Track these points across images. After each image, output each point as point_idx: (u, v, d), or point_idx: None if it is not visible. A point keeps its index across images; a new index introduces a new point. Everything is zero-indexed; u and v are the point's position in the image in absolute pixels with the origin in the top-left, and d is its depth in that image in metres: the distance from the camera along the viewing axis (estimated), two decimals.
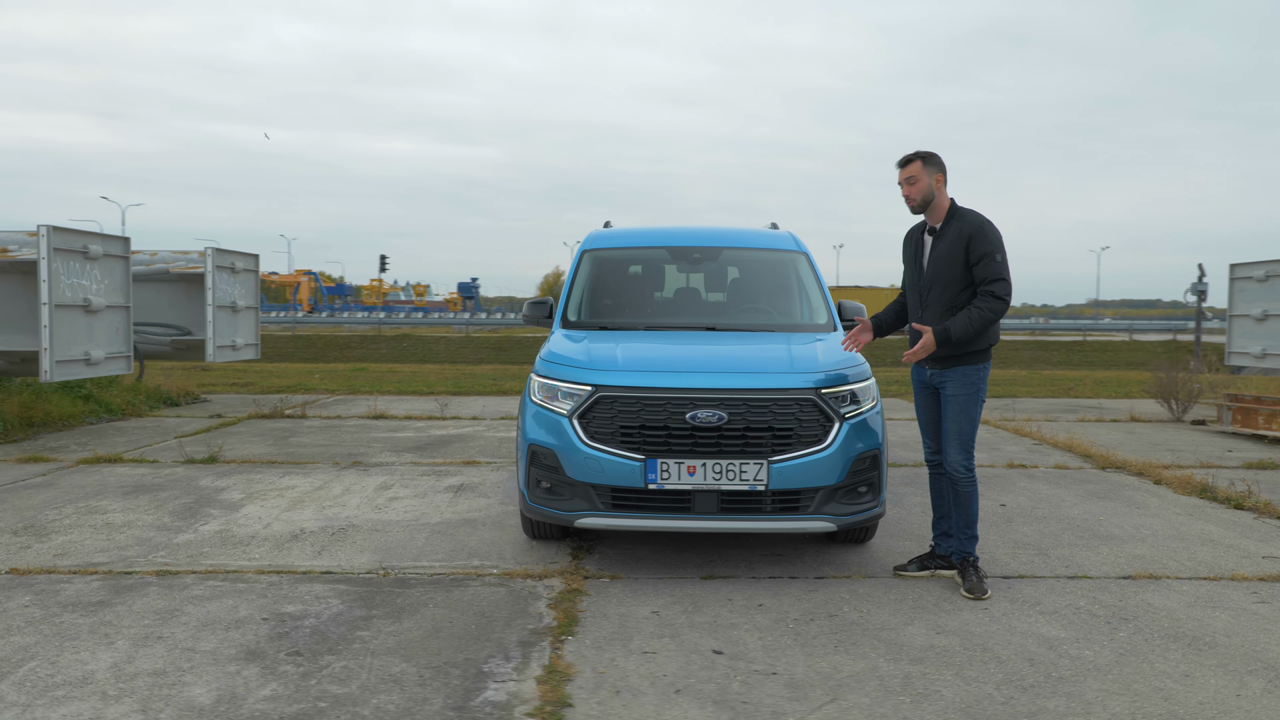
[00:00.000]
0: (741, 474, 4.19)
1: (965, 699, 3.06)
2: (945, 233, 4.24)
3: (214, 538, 5.06)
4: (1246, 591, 4.22)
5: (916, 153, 4.25)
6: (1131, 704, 3.02)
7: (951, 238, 4.20)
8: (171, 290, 12.19)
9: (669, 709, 2.97)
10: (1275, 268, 12.13)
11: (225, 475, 6.88)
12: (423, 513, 5.71)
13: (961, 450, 4.19)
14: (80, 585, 4.20)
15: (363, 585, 4.24)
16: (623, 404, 4.31)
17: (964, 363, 4.19)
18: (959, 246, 4.16)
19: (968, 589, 4.14)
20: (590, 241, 6.15)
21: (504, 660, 3.37)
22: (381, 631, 3.64)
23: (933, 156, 4.23)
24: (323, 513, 5.68)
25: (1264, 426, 9.08)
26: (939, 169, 4.23)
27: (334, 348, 29.14)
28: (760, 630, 3.70)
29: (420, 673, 3.24)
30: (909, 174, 4.24)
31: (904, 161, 4.27)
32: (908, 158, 4.26)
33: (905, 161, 4.27)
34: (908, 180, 4.24)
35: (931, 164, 4.22)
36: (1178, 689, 3.14)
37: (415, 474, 7.00)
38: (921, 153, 4.24)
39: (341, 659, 3.36)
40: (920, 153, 4.24)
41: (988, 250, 4.12)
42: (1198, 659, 3.40)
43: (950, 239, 4.20)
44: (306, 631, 3.64)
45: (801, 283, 5.81)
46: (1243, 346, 12.57)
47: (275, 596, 4.06)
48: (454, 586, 4.23)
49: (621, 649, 3.49)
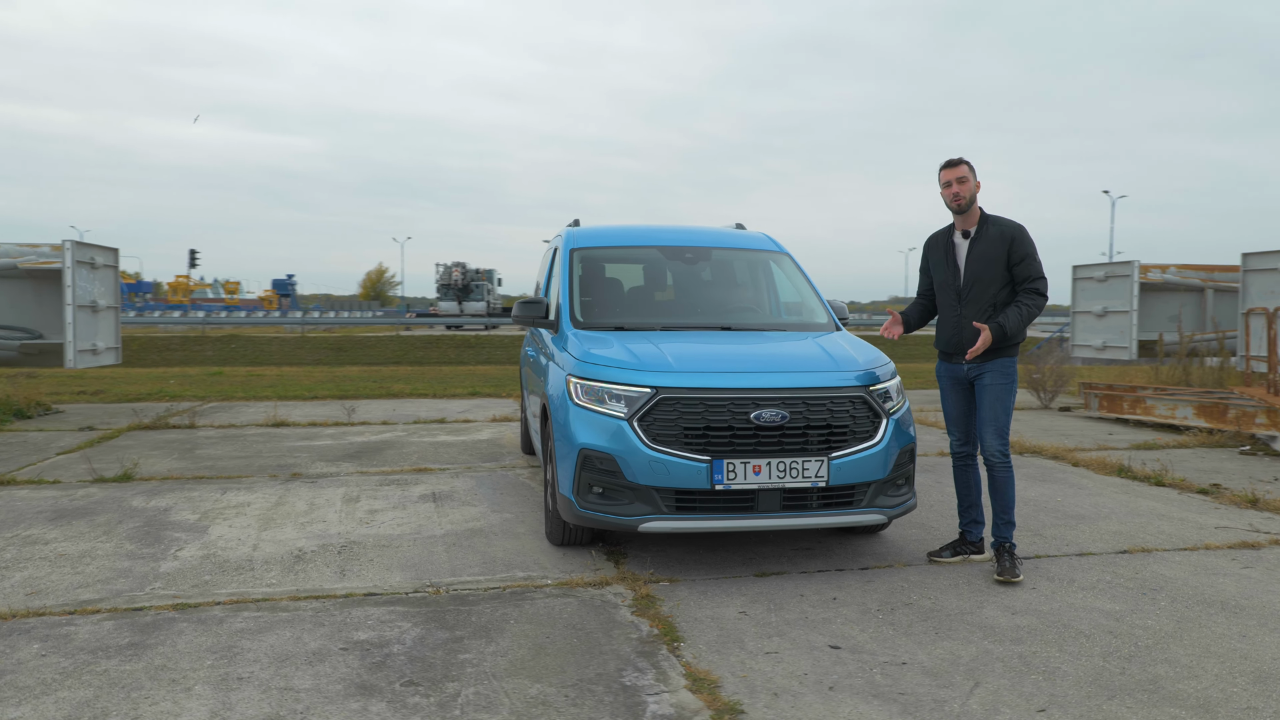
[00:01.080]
0: (804, 471, 4.27)
1: (1086, 672, 3.27)
2: (982, 236, 4.49)
3: (205, 564, 4.58)
4: (1228, 559, 4.75)
5: (962, 158, 4.50)
6: (1221, 665, 3.35)
7: (991, 240, 4.45)
8: (14, 289, 10.80)
9: (838, 706, 3.00)
10: (1114, 269, 13.59)
11: (156, 494, 6.21)
12: (418, 525, 5.40)
13: (998, 437, 4.44)
14: (90, 627, 3.69)
15: (421, 605, 3.98)
16: (685, 405, 4.28)
17: (1002, 355, 4.45)
18: (1000, 248, 4.42)
19: (1000, 573, 4.35)
20: (576, 240, 6.03)
21: (637, 672, 3.27)
22: (483, 653, 3.44)
23: (972, 165, 4.49)
24: (307, 530, 5.26)
25: (1128, 411, 10.18)
26: (976, 176, 4.50)
27: (151, 350, 26.69)
28: (854, 623, 3.79)
29: (564, 693, 3.10)
30: (960, 174, 4.45)
31: (953, 163, 4.49)
32: (956, 160, 4.49)
33: (955, 163, 4.48)
34: (959, 180, 4.44)
35: (973, 170, 4.48)
36: (1247, 647, 3.51)
37: (372, 485, 6.60)
38: (966, 159, 4.49)
39: (467, 685, 3.15)
40: (965, 159, 4.49)
41: (1028, 252, 4.42)
42: (1241, 621, 3.81)
43: (990, 241, 4.45)
44: (402, 659, 3.38)
45: (794, 282, 5.96)
46: (1085, 340, 14.01)
47: (335, 624, 3.74)
48: (519, 600, 4.05)
49: (741, 651, 3.47)
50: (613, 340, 4.87)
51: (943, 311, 4.68)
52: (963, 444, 4.71)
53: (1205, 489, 6.46)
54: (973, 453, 4.69)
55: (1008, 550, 4.46)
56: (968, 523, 4.73)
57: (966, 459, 4.71)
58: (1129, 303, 12.94)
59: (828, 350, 4.78)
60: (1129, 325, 12.98)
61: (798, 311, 5.71)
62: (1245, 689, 3.14)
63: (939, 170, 4.53)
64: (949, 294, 4.60)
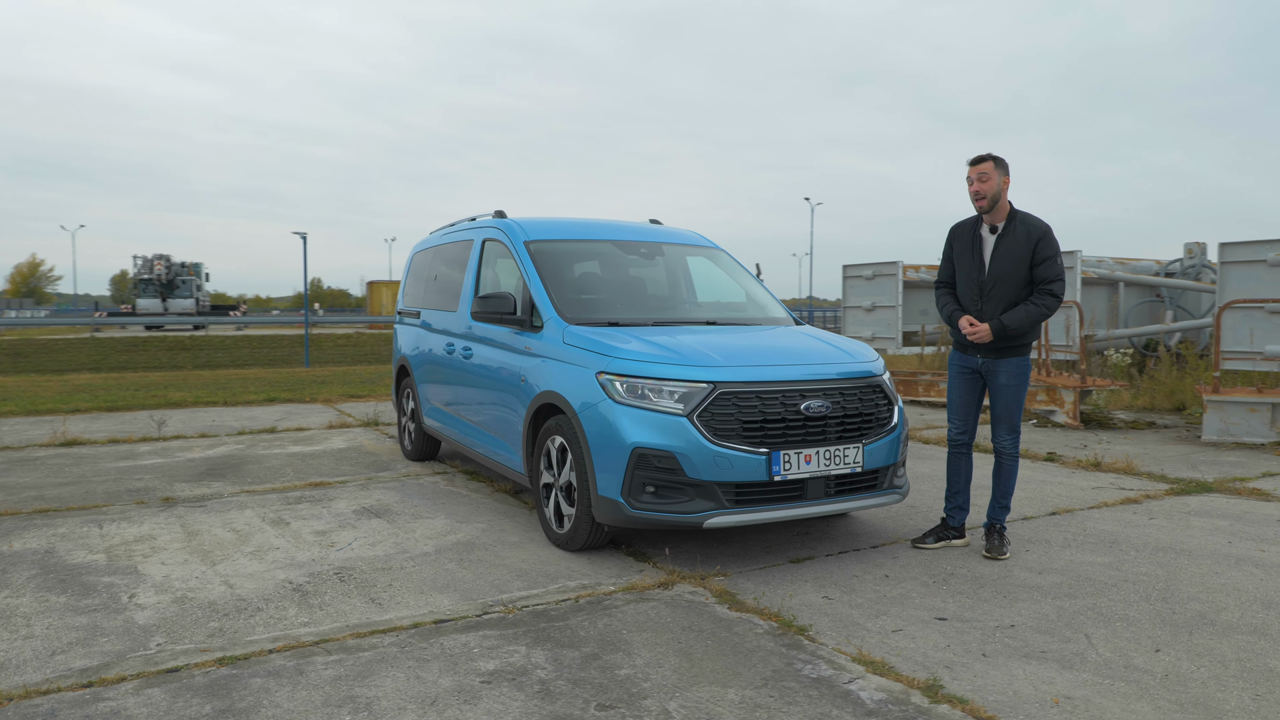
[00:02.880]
0: (844, 458, 4.46)
1: (1151, 615, 3.78)
2: (1010, 232, 4.51)
3: (191, 610, 3.84)
4: (1131, 513, 5.63)
5: (989, 154, 4.50)
6: (1229, 597, 4.02)
7: (1018, 238, 4.49)
8: None
9: (1011, 669, 3.23)
10: (881, 269, 15.24)
11: (12, 536, 5.04)
12: (397, 544, 4.89)
13: (1011, 433, 4.70)
14: (136, 699, 2.99)
15: (510, 626, 3.65)
16: (741, 399, 4.30)
17: (1017, 354, 4.60)
18: (1026, 247, 4.47)
19: (989, 549, 4.63)
20: (528, 232, 5.75)
21: (808, 664, 3.28)
22: (638, 667, 3.26)
23: (1002, 160, 4.50)
24: (268, 559, 4.57)
25: (924, 394, 11.55)
26: (1006, 172, 4.50)
27: None
28: (930, 595, 4.05)
29: (764, 694, 3.03)
30: (982, 171, 4.47)
31: (977, 160, 4.51)
32: (981, 157, 4.51)
33: (979, 160, 4.50)
34: (980, 177, 4.46)
35: (1001, 166, 4.49)
36: (1231, 582, 4.23)
37: (280, 504, 5.84)
38: (994, 155, 4.50)
39: (664, 699, 2.98)
40: (993, 154, 4.50)
41: (1052, 253, 4.48)
42: (1202, 562, 4.57)
43: (1016, 239, 4.49)
44: (563, 683, 3.11)
45: (738, 278, 6.13)
46: (856, 331, 15.59)
47: (443, 657, 3.33)
48: (602, 610, 3.85)
49: (867, 633, 3.59)
50: (627, 336, 4.75)
51: (964, 303, 4.69)
52: (961, 432, 4.84)
53: (1047, 457, 7.57)
54: (969, 441, 4.85)
55: (998, 531, 4.73)
56: (953, 508, 4.89)
57: (962, 447, 4.86)
58: (895, 298, 14.62)
59: (830, 342, 5.01)
60: (895, 318, 14.68)
61: (761, 306, 5.88)
62: (1263, 613, 3.81)
63: (967, 165, 4.58)
64: (972, 287, 4.63)
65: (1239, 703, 2.98)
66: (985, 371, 4.73)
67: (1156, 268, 13.66)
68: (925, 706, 2.94)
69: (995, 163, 4.52)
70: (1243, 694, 3.04)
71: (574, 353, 4.74)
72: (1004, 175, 4.53)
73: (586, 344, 4.69)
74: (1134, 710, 2.93)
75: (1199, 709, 2.94)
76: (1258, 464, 7.23)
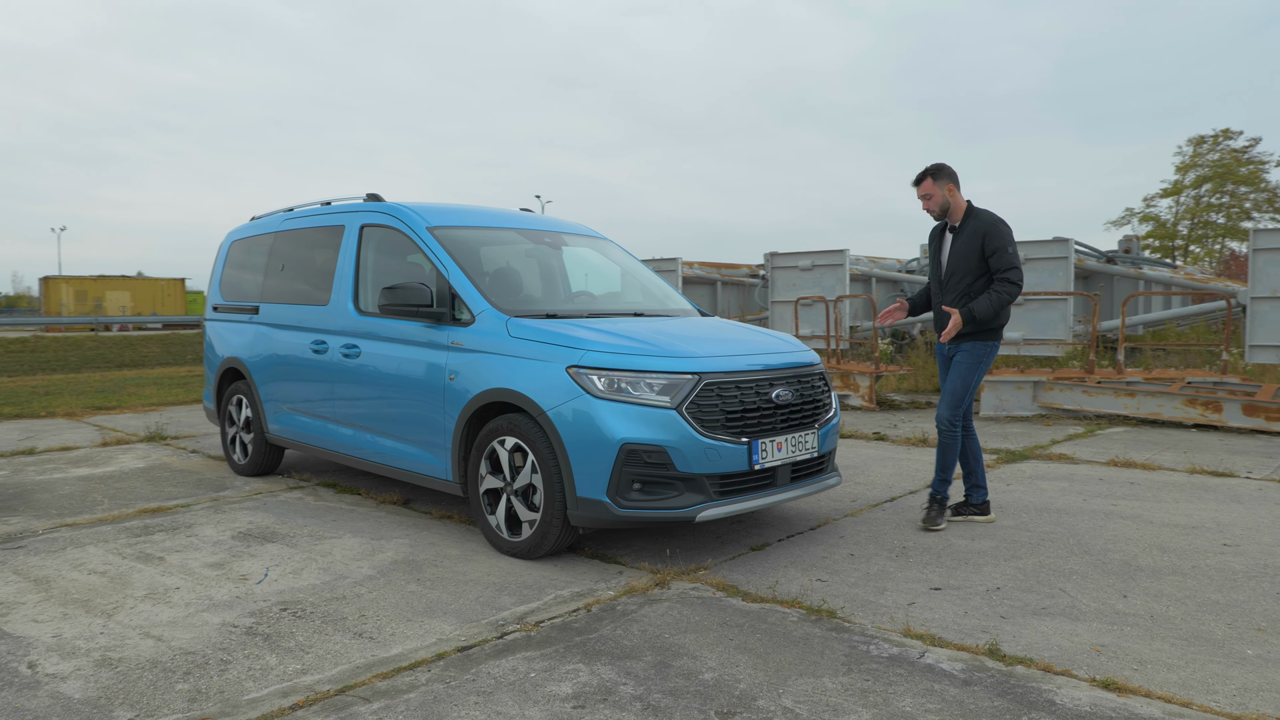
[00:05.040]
0: (805, 444, 4.57)
1: (1088, 566, 4.25)
2: (963, 230, 4.87)
3: (139, 674, 3.11)
4: (1006, 483, 6.29)
5: (925, 170, 4.89)
6: (1135, 543, 4.63)
7: (969, 234, 4.83)
8: None
9: (1036, 627, 3.48)
10: (662, 265, 15.72)
11: None
12: (327, 570, 4.27)
13: (950, 408, 4.99)
14: None
15: (544, 645, 3.33)
16: (723, 389, 4.25)
17: (976, 339, 4.89)
18: (975, 242, 4.80)
19: (925, 520, 4.93)
20: (425, 218, 5.25)
21: (870, 645, 3.31)
22: (720, 672, 3.11)
23: (941, 170, 4.87)
24: (176, 601, 3.80)
25: None
26: (950, 179, 4.86)
27: None
28: (904, 567, 4.26)
29: (859, 681, 3.03)
30: (924, 190, 4.90)
31: (917, 179, 4.93)
32: (919, 177, 4.91)
33: (919, 179, 4.92)
34: (924, 196, 4.91)
35: (941, 177, 4.87)
36: (1124, 529, 4.89)
37: (127, 537, 4.87)
38: (930, 169, 4.88)
39: (774, 700, 2.88)
40: (929, 169, 4.88)
41: (1000, 245, 4.76)
42: (1109, 521, 5.23)
43: (968, 235, 4.84)
44: (659, 694, 2.90)
45: (643, 268, 6.04)
46: None
47: (507, 688, 2.97)
48: (625, 617, 3.63)
49: (890, 609, 3.70)
50: (582, 327, 4.51)
51: (932, 298, 5.14)
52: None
53: (876, 436, 8.26)
54: (967, 424, 5.09)
55: (938, 502, 5.01)
56: (970, 488, 5.15)
57: (962, 429, 5.07)
58: None
59: (765, 333, 5.10)
60: None
61: (673, 298, 5.81)
62: (1165, 556, 4.45)
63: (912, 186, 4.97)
64: (935, 283, 5.05)
65: (1225, 633, 3.45)
66: (950, 354, 5.02)
67: (898, 265, 15.39)
68: (1006, 670, 3.10)
69: (933, 177, 4.89)
70: (1217, 623, 3.53)
71: (529, 346, 4.41)
72: (946, 182, 4.88)
73: (546, 337, 4.39)
74: (1158, 649, 3.29)
75: (1201, 642, 3.36)
76: (1040, 434, 8.39)
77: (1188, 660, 3.19)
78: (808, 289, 13.68)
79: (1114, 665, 3.14)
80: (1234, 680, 3.02)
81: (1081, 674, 3.06)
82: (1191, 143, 37.89)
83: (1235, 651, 3.26)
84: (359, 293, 5.54)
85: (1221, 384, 9.23)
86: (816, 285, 13.65)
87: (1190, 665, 3.15)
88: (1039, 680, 3.02)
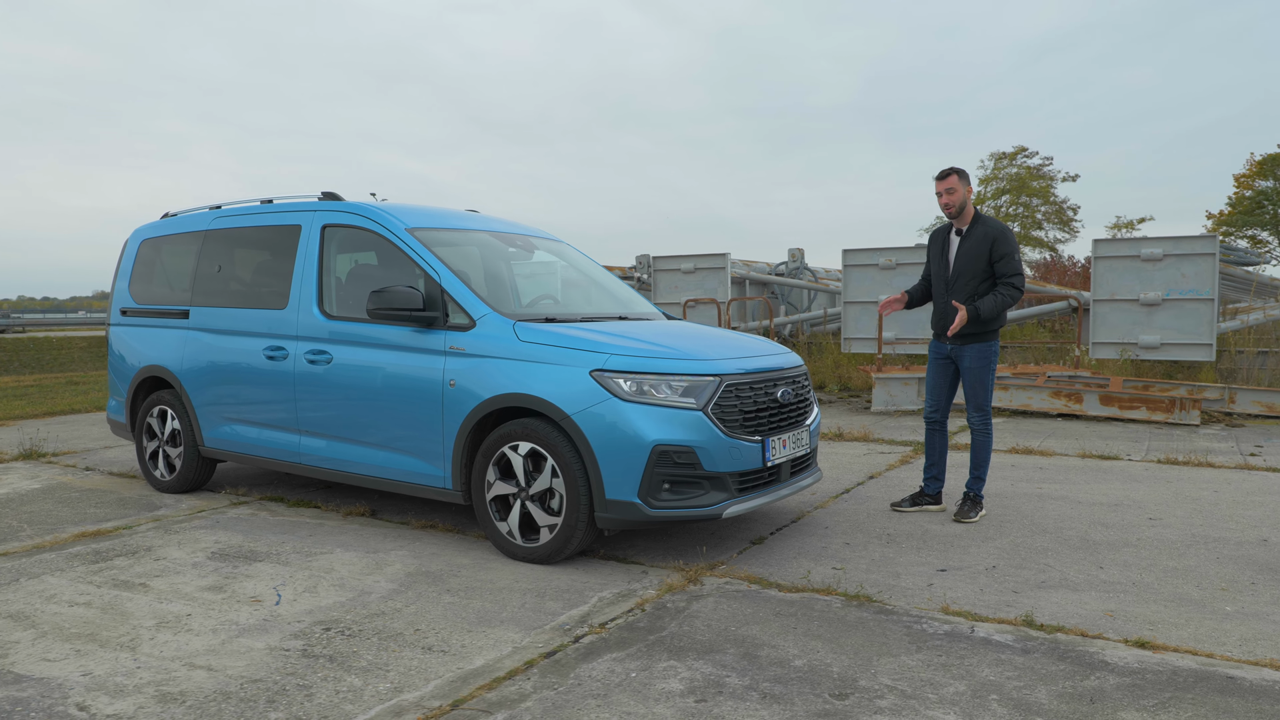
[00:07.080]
0: (801, 441, 4.82)
1: (1058, 543, 4.73)
2: (972, 234, 5.09)
3: (216, 706, 2.90)
4: None
5: (952, 168, 5.07)
6: (1086, 522, 5.18)
7: (977, 239, 5.06)
8: None
9: (1057, 599, 3.86)
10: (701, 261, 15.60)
11: None
12: (342, 586, 4.09)
13: (979, 411, 5.19)
14: None
15: (622, 646, 3.37)
16: (739, 391, 4.41)
17: (979, 340, 5.12)
18: (984, 246, 5.03)
19: (959, 514, 5.16)
20: (404, 219, 5.10)
21: (923, 624, 3.57)
22: (802, 658, 3.27)
23: (964, 172, 5.07)
24: (202, 628, 3.55)
25: None
26: (968, 182, 5.07)
27: None
28: (901, 552, 4.57)
29: (933, 657, 3.28)
30: (949, 185, 5.04)
31: (943, 174, 5.09)
32: (946, 171, 5.08)
33: (945, 175, 5.08)
34: (948, 190, 5.04)
35: (964, 178, 5.06)
36: (1070, 510, 5.43)
37: (83, 564, 4.45)
38: (956, 168, 5.06)
39: (873, 680, 3.07)
40: (956, 168, 5.06)
41: (1008, 250, 5.03)
42: (1041, 501, 5.77)
43: (976, 240, 5.06)
44: (769, 682, 3.02)
45: (602, 272, 6.08)
46: None
47: (620, 688, 2.99)
48: (682, 615, 3.71)
49: (917, 591, 3.98)
50: (598, 331, 4.54)
51: (935, 297, 5.32)
52: (934, 410, 5.36)
53: (833, 435, 8.68)
54: (942, 420, 5.38)
55: (971, 499, 5.27)
56: (928, 479, 5.45)
57: (937, 425, 5.39)
58: None
59: (749, 337, 5.29)
60: None
61: (642, 301, 5.89)
62: (1118, 532, 5.01)
63: (934, 180, 5.17)
64: (940, 283, 5.25)
65: (1200, 594, 3.96)
66: (954, 356, 5.29)
67: (768, 269, 16.08)
68: (1050, 638, 3.44)
69: (959, 175, 5.10)
70: (1188, 586, 4.05)
71: (545, 350, 4.40)
72: (967, 185, 5.11)
73: (564, 341, 4.39)
74: (1158, 611, 3.75)
75: (1186, 603, 3.86)
76: None
77: (1186, 619, 3.65)
78: (690, 291, 14.06)
79: (1132, 627, 3.55)
80: (1232, 633, 3.50)
81: (1113, 636, 3.45)
82: (993, 157, 41.60)
83: (1218, 609, 3.77)
84: (323, 295, 5.29)
85: (1075, 378, 10.34)
86: (699, 287, 14.06)
87: (1190, 623, 3.61)
88: (1081, 644, 3.38)
